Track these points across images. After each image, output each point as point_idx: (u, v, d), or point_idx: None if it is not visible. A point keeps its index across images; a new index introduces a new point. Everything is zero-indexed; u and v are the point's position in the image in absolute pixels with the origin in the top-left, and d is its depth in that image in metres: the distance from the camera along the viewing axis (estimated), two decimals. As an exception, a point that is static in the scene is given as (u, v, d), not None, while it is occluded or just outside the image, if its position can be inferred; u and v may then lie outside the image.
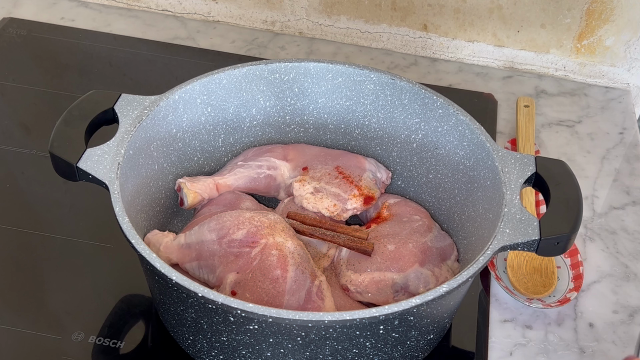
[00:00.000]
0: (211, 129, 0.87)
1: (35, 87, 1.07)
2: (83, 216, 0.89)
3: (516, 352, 0.79)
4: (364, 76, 0.86)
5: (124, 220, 0.67)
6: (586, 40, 1.11)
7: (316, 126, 0.90)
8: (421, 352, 0.75)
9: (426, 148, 0.85)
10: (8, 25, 1.16)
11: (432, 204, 0.87)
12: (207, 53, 1.14)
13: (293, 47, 1.18)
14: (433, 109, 0.83)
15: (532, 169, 0.74)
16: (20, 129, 1.01)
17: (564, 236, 0.68)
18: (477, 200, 0.78)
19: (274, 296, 0.71)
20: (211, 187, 0.84)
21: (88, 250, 0.86)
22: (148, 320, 0.80)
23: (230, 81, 0.85)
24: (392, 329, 0.66)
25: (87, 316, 0.79)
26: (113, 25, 1.19)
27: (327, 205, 0.83)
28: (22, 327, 0.78)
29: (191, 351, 0.74)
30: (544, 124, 1.07)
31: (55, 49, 1.14)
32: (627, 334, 0.82)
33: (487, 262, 0.66)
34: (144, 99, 0.79)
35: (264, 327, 0.64)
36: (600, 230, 0.93)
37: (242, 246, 0.74)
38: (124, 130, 0.75)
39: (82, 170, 0.72)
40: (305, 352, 0.66)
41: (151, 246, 0.75)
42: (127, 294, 0.82)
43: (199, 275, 0.75)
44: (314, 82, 0.87)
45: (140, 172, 0.77)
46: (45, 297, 0.81)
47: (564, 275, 0.86)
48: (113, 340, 0.77)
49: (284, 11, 1.17)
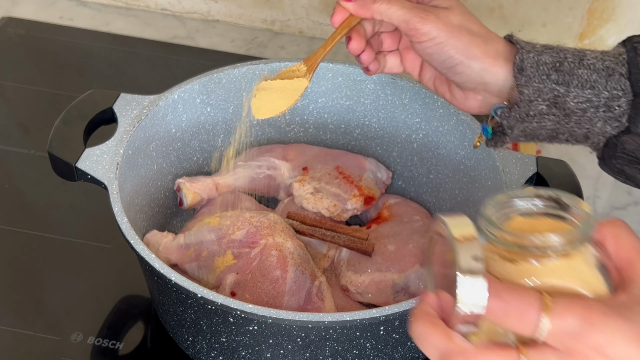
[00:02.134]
0: (211, 129, 0.86)
1: (34, 87, 1.07)
2: (82, 216, 0.89)
3: (517, 353, 0.79)
4: (364, 76, 0.85)
5: (123, 220, 0.67)
6: (588, 39, 1.11)
7: (316, 126, 0.90)
8: (422, 353, 0.74)
9: (427, 148, 0.85)
10: (7, 25, 1.16)
11: (432, 204, 0.87)
12: (207, 52, 1.14)
13: (293, 47, 1.17)
14: (434, 109, 0.83)
15: (534, 169, 0.74)
16: (19, 128, 1.01)
17: (566, 236, 0.68)
18: (478, 200, 0.78)
19: (274, 297, 0.71)
20: (211, 187, 0.83)
21: (87, 250, 0.85)
22: (147, 321, 0.80)
23: (229, 81, 0.84)
24: (393, 329, 0.66)
25: (86, 317, 0.79)
26: (112, 25, 1.19)
27: (327, 205, 0.82)
28: (21, 327, 0.78)
29: (190, 352, 0.74)
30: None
31: (54, 49, 1.13)
32: (629, 334, 0.81)
33: (488, 263, 0.66)
34: (143, 98, 0.79)
35: (264, 328, 0.63)
36: (602, 230, 0.92)
37: (242, 246, 0.74)
38: (122, 130, 0.75)
39: (80, 170, 0.71)
40: (305, 353, 0.66)
41: (150, 246, 0.75)
42: (127, 294, 0.82)
43: (198, 275, 0.75)
44: (314, 82, 0.87)
45: (139, 172, 0.77)
46: (44, 297, 0.81)
47: (565, 275, 0.85)
48: (112, 341, 0.77)
49: (284, 10, 1.17)
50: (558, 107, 0.60)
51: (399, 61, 0.69)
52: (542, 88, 0.59)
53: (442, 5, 0.63)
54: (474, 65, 0.62)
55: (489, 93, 0.63)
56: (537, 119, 0.61)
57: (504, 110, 0.62)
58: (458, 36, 0.61)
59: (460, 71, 0.62)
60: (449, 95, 0.67)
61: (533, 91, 0.59)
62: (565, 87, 0.59)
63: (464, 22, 0.62)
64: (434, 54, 0.63)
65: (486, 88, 0.63)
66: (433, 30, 0.61)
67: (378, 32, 0.68)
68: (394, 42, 0.69)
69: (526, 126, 0.62)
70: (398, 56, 0.69)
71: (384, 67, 0.69)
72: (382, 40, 0.69)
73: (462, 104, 0.66)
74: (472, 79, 0.62)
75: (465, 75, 0.62)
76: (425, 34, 0.61)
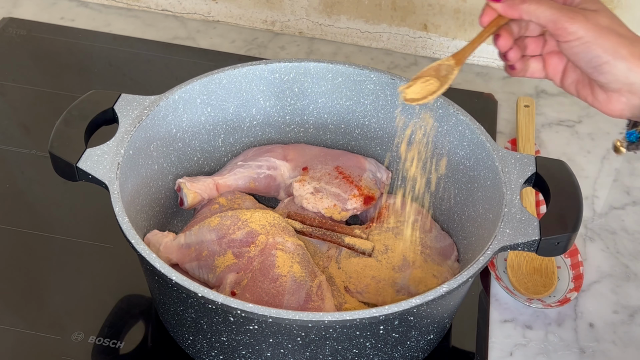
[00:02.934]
0: (211, 129, 0.86)
1: (35, 87, 1.07)
2: (83, 216, 0.89)
3: (516, 353, 0.79)
4: (364, 76, 0.86)
5: (124, 220, 0.67)
6: (586, 40, 1.11)
7: (316, 126, 0.90)
8: (421, 352, 0.75)
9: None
10: (8, 25, 1.16)
11: (432, 204, 0.87)
12: (207, 53, 1.14)
13: (293, 47, 1.18)
14: (433, 109, 0.83)
15: (532, 169, 0.74)
16: (20, 128, 1.01)
17: (564, 236, 0.68)
18: (477, 200, 0.78)
19: (274, 296, 0.71)
20: (211, 187, 0.84)
21: (88, 250, 0.86)
22: (148, 320, 0.80)
23: (230, 81, 0.85)
24: (392, 329, 0.66)
25: (87, 316, 0.79)
26: (113, 25, 1.19)
27: (327, 205, 0.83)
28: (22, 327, 0.78)
29: (191, 351, 0.74)
30: (544, 123, 1.07)
31: (55, 49, 1.14)
32: (627, 334, 0.82)
33: (487, 262, 0.66)
34: (143, 99, 0.79)
35: (264, 327, 0.64)
36: (601, 230, 0.93)
37: (242, 246, 0.74)
38: (123, 130, 0.75)
39: (81, 170, 0.71)
40: (305, 352, 0.66)
41: (151, 246, 0.75)
42: (127, 294, 0.82)
43: (198, 275, 0.75)
44: (314, 82, 0.87)
45: (140, 172, 0.77)
46: (45, 297, 0.81)
47: (564, 275, 0.86)
48: (113, 341, 0.77)
49: (284, 11, 1.17)
50: None
51: (541, 66, 0.71)
52: None
53: (590, 8, 0.65)
54: (620, 65, 0.63)
55: (633, 94, 0.64)
56: None
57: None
58: (606, 36, 0.63)
59: (606, 70, 0.64)
60: (591, 98, 0.68)
61: None
62: None
63: (611, 25, 0.64)
64: (580, 53, 0.64)
65: (631, 89, 0.64)
66: (581, 29, 0.63)
67: (523, 37, 0.70)
68: (537, 47, 0.70)
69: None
70: (541, 61, 0.71)
71: (526, 71, 0.71)
72: (526, 45, 0.70)
73: (605, 106, 0.67)
74: (618, 79, 0.64)
75: (611, 74, 0.64)
76: (573, 33, 0.63)
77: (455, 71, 0.69)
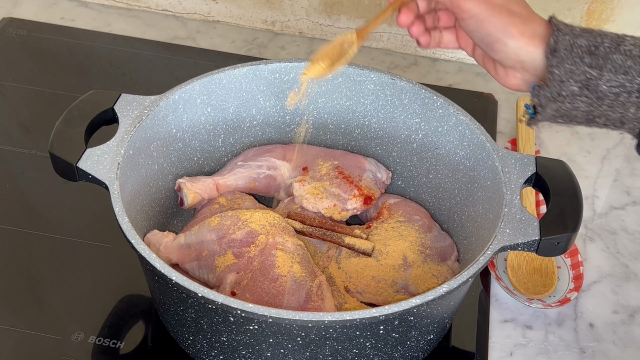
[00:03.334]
0: (211, 129, 0.86)
1: (35, 87, 1.07)
2: (83, 216, 0.89)
3: (516, 352, 0.79)
4: (364, 76, 0.86)
5: (124, 220, 0.67)
6: (586, 40, 1.11)
7: (316, 126, 0.90)
8: (421, 352, 0.75)
9: (426, 148, 0.85)
10: (8, 25, 1.16)
11: (432, 204, 0.87)
12: (207, 53, 1.14)
13: (293, 47, 1.18)
14: (433, 109, 0.83)
15: (532, 169, 0.74)
16: (20, 129, 1.01)
17: (564, 236, 0.68)
18: (477, 200, 0.78)
19: (274, 296, 0.71)
20: (211, 187, 0.84)
21: (88, 250, 0.86)
22: (148, 320, 0.80)
23: (230, 81, 0.85)
24: (392, 329, 0.66)
25: (87, 316, 0.79)
26: (113, 25, 1.19)
27: (327, 205, 0.83)
28: (22, 327, 0.78)
29: (191, 351, 0.74)
30: (544, 124, 1.07)
31: (55, 49, 1.14)
32: (627, 334, 0.82)
33: (487, 262, 0.66)
34: (143, 99, 0.79)
35: (264, 327, 0.64)
36: (601, 230, 0.93)
37: (242, 246, 0.74)
38: (123, 130, 0.75)
39: (82, 170, 0.71)
40: (305, 352, 0.66)
41: (151, 246, 0.75)
42: (127, 294, 0.82)
43: (198, 275, 0.75)
44: (314, 82, 0.87)
45: (140, 172, 0.77)
46: (45, 297, 0.81)
47: (564, 275, 0.86)
48: (113, 341, 0.77)
49: (284, 11, 1.17)
50: (590, 89, 0.62)
51: (454, 37, 0.73)
52: (574, 70, 0.62)
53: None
54: (511, 44, 0.65)
55: (526, 71, 0.66)
56: (569, 99, 0.63)
57: (536, 88, 0.65)
58: (497, 15, 0.65)
59: (498, 49, 0.66)
60: (493, 72, 0.70)
61: (564, 72, 0.62)
62: (598, 70, 0.62)
63: (506, 3, 0.65)
64: (474, 31, 0.66)
65: (523, 66, 0.66)
66: (474, 7, 0.65)
67: (435, 9, 0.72)
68: (450, 19, 0.72)
69: (559, 106, 0.64)
70: (454, 33, 0.73)
71: (439, 42, 0.73)
72: (439, 17, 0.72)
73: (504, 80, 0.69)
74: (509, 57, 0.66)
75: (503, 52, 0.66)
76: (467, 10, 0.65)
77: (355, 46, 0.71)
